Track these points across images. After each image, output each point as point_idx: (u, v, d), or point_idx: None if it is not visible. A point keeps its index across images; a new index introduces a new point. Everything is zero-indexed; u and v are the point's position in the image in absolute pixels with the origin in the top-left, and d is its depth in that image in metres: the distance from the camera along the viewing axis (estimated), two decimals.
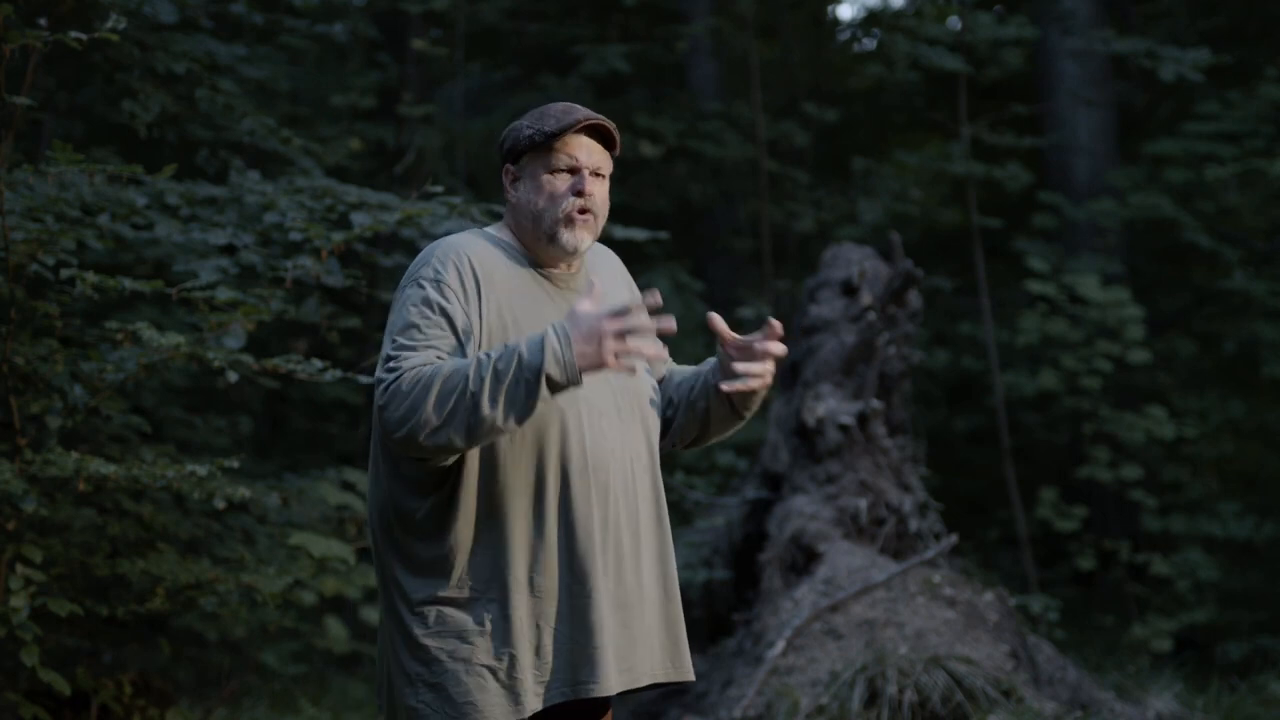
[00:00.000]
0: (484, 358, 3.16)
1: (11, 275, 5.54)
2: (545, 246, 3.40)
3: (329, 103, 12.53)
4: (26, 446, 5.63)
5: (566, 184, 3.39)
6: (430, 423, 3.14)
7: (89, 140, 9.14)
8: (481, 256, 3.36)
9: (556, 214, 3.38)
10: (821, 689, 6.64)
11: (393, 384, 3.18)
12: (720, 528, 8.70)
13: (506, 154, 3.46)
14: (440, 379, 3.15)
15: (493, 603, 3.26)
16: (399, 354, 3.22)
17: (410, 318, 3.27)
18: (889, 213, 13.23)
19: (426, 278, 3.31)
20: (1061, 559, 11.68)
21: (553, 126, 3.38)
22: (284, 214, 6.28)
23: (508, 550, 3.27)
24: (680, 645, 3.47)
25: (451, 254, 3.34)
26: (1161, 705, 7.21)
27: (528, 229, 3.41)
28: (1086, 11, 12.56)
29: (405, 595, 3.31)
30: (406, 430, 3.15)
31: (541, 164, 3.40)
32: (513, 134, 3.45)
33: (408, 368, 3.19)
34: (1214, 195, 11.98)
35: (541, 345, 3.15)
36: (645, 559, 3.40)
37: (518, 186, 3.43)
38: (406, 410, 3.15)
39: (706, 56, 14.72)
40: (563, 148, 3.39)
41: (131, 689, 6.35)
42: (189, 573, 6.06)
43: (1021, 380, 11.62)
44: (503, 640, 3.25)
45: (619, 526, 3.35)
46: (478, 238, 3.42)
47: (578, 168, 3.39)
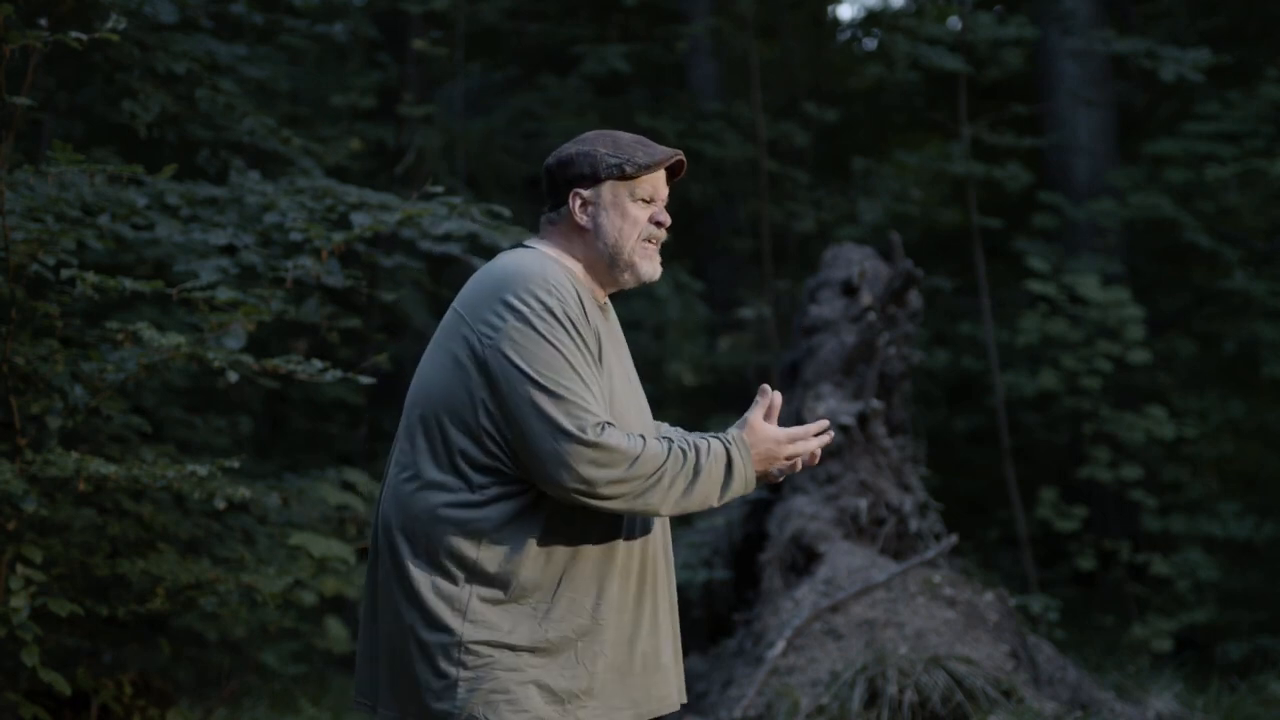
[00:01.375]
0: (681, 456, 3.27)
1: (12, 275, 5.54)
2: (620, 273, 3.45)
3: (329, 103, 12.53)
4: (27, 446, 5.64)
5: (647, 214, 3.45)
6: (618, 492, 3.21)
7: (89, 140, 9.14)
8: (581, 291, 3.38)
9: (637, 244, 3.44)
10: (822, 689, 6.64)
11: (591, 438, 3.20)
12: (720, 528, 8.70)
13: (578, 178, 3.44)
14: (644, 460, 3.23)
15: (552, 625, 3.27)
16: (579, 400, 3.23)
17: (565, 354, 3.26)
18: (889, 213, 13.23)
19: (556, 309, 3.29)
20: (1061, 559, 11.68)
21: (644, 160, 3.42)
22: (284, 214, 6.28)
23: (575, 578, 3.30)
24: (681, 669, 3.53)
25: (566, 281, 3.34)
26: (1161, 705, 7.21)
27: (603, 254, 3.44)
28: (1086, 11, 12.56)
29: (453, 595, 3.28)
30: (590, 484, 3.20)
31: (626, 192, 3.43)
32: (587, 160, 3.44)
33: (607, 425, 3.23)
34: (1214, 195, 11.98)
35: (730, 465, 3.31)
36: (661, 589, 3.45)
37: (591, 212, 3.44)
38: (603, 479, 3.20)
39: (706, 56, 14.73)
40: (647, 180, 3.45)
41: (132, 689, 6.35)
42: (189, 573, 6.06)
43: (1021, 380, 11.62)
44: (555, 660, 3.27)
45: (657, 558, 3.42)
46: (557, 264, 3.40)
47: (656, 198, 3.46)
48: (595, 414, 3.22)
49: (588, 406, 3.22)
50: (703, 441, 3.32)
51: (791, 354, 8.58)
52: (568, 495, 3.21)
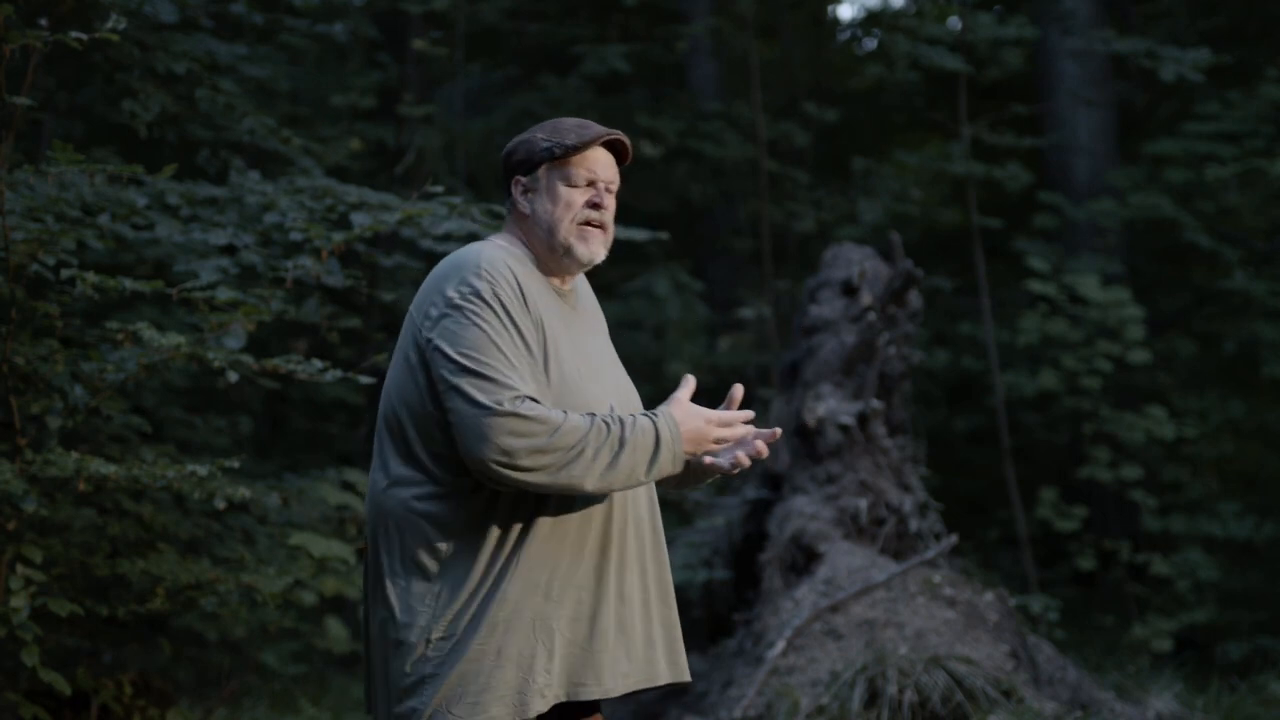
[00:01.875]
0: (604, 428, 3.24)
1: (12, 275, 5.54)
2: (559, 259, 3.45)
3: (329, 103, 12.53)
4: (27, 446, 5.63)
5: (583, 197, 3.44)
6: (537, 464, 3.20)
7: (89, 140, 9.14)
8: (520, 272, 3.38)
9: (572, 226, 3.42)
10: (822, 689, 6.64)
11: (506, 408, 3.20)
12: (720, 528, 8.70)
13: (517, 165, 3.47)
14: (564, 431, 3.21)
15: (509, 604, 3.27)
16: (497, 375, 3.23)
17: (489, 334, 3.27)
18: (889, 213, 13.23)
19: (487, 292, 3.31)
20: (1061, 559, 11.68)
21: (573, 140, 3.42)
22: (284, 214, 6.28)
23: (529, 556, 3.30)
24: (678, 647, 3.52)
25: (499, 265, 3.35)
26: (1161, 705, 7.21)
27: (541, 240, 3.45)
28: (1086, 11, 12.56)
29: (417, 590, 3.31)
30: (507, 457, 3.19)
31: (559, 176, 3.43)
32: (525, 146, 3.47)
33: (523, 396, 3.22)
34: (1214, 195, 11.98)
35: (658, 441, 3.28)
36: (648, 562, 3.45)
37: (530, 198, 3.46)
38: (521, 448, 3.19)
39: (706, 56, 14.72)
40: (581, 162, 3.43)
41: (132, 689, 6.35)
42: (189, 573, 6.06)
43: (1022, 380, 11.62)
44: (515, 640, 3.27)
45: (626, 533, 3.40)
46: (503, 250, 3.43)
47: (595, 182, 3.45)
48: (515, 388, 3.22)
49: (507, 381, 3.22)
50: (629, 416, 3.29)
51: (791, 354, 8.59)
52: (490, 469, 3.20)
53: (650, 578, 3.46)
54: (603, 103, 13.79)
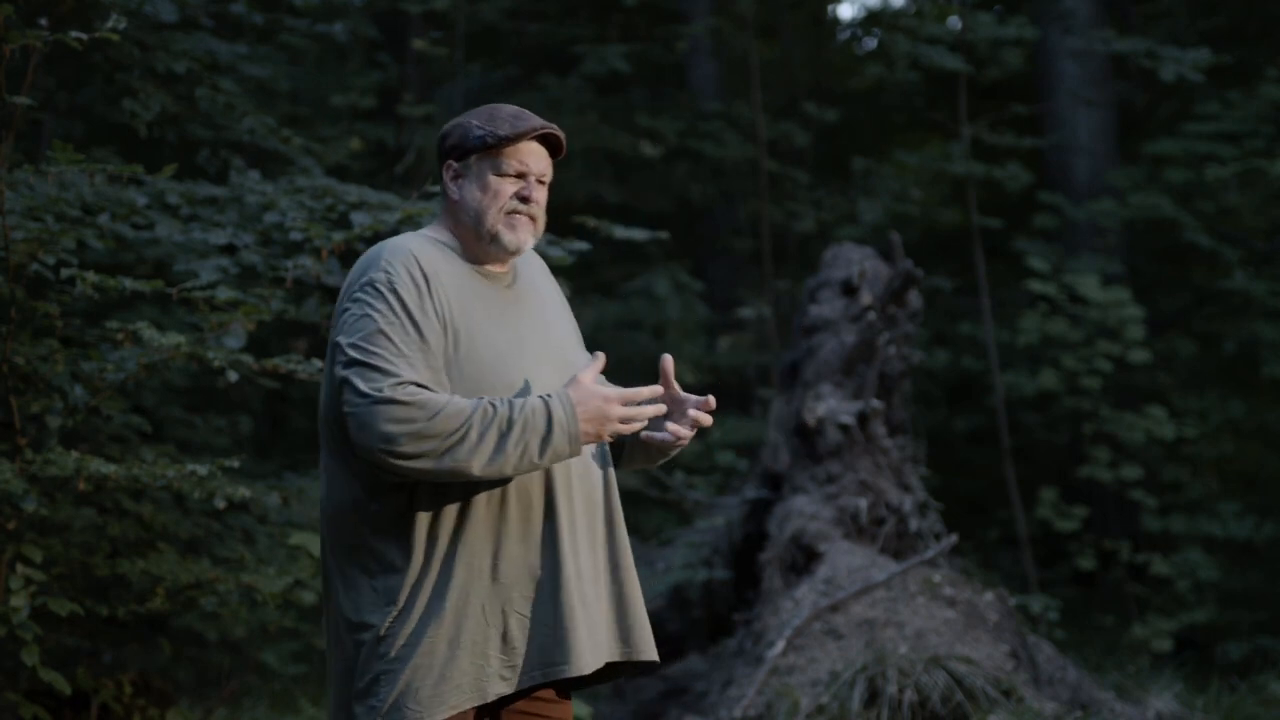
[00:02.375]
0: (490, 410, 3.20)
1: (12, 275, 5.54)
2: (486, 246, 3.41)
3: (329, 103, 12.54)
4: (27, 446, 5.63)
5: (513, 188, 3.40)
6: (420, 449, 3.16)
7: (89, 140, 9.14)
8: (427, 257, 3.35)
9: (499, 214, 3.39)
10: (822, 689, 6.64)
11: (385, 394, 3.17)
12: (720, 528, 8.70)
13: (450, 150, 3.44)
14: (445, 414, 3.17)
15: (454, 593, 3.25)
16: (381, 363, 3.21)
17: (378, 324, 3.25)
18: (889, 213, 13.23)
19: (381, 281, 3.29)
20: (1061, 559, 11.68)
21: (507, 131, 3.38)
22: (284, 214, 6.27)
23: (469, 541, 3.27)
24: (635, 624, 3.46)
25: (400, 255, 3.33)
26: (1161, 705, 7.21)
27: (469, 227, 3.41)
28: (1086, 11, 12.56)
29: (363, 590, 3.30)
30: (390, 443, 3.16)
31: (490, 165, 3.40)
32: (459, 131, 3.43)
33: (404, 382, 3.19)
34: (1214, 195, 11.98)
35: (550, 422, 3.22)
36: (598, 539, 3.41)
37: (460, 185, 3.43)
38: (399, 424, 3.16)
39: (707, 56, 14.72)
40: (513, 153, 3.40)
41: (131, 689, 6.35)
42: (189, 572, 6.06)
43: (1021, 380, 11.62)
44: (463, 629, 3.25)
45: (575, 509, 3.36)
46: (419, 239, 3.41)
47: (526, 174, 3.41)
48: (398, 375, 3.19)
49: (390, 369, 3.20)
50: (519, 400, 3.25)
51: (791, 354, 8.59)
52: (376, 457, 3.17)
53: (605, 556, 3.43)
54: (603, 103, 13.79)
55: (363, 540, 3.30)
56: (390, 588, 3.27)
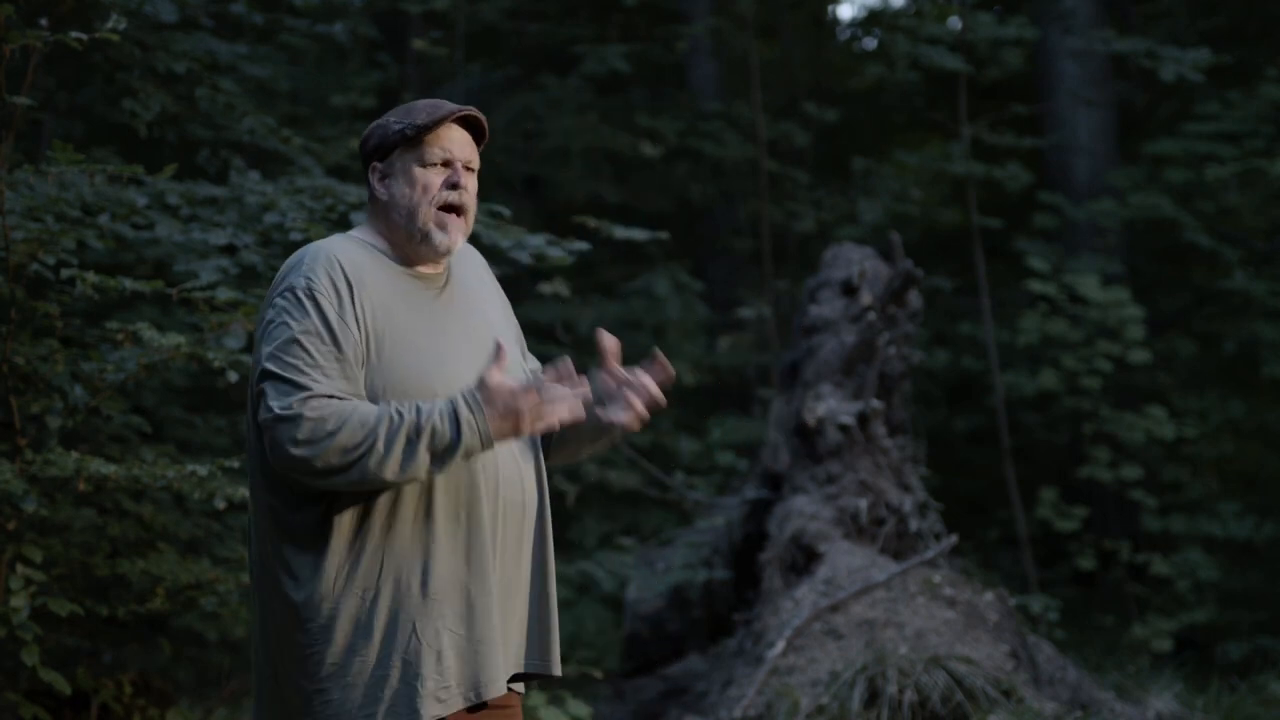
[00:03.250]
0: (396, 417, 3.12)
1: (12, 275, 5.54)
2: (416, 245, 3.33)
3: (329, 103, 12.53)
4: (27, 446, 5.63)
5: (440, 178, 3.32)
6: (330, 464, 3.10)
7: (89, 140, 9.14)
8: (352, 261, 3.27)
9: (429, 213, 3.31)
10: (822, 689, 6.64)
11: (294, 411, 3.10)
12: (720, 528, 8.70)
13: (373, 151, 3.35)
14: (350, 426, 3.10)
15: (383, 610, 3.18)
16: (295, 375, 3.14)
17: (294, 333, 3.17)
18: (889, 213, 13.23)
19: (301, 288, 3.21)
20: (1061, 559, 11.68)
21: (424, 119, 3.30)
22: (284, 214, 6.28)
23: (395, 555, 3.19)
24: (550, 638, 3.39)
25: (322, 260, 3.25)
26: (1161, 705, 7.21)
27: (399, 227, 3.33)
28: (1086, 11, 12.56)
29: (289, 607, 3.21)
30: (300, 459, 3.10)
31: (414, 158, 3.31)
32: (379, 130, 3.35)
33: (314, 396, 3.12)
34: (1214, 195, 11.98)
35: (458, 422, 3.13)
36: (526, 549, 3.34)
37: (387, 184, 3.34)
38: (308, 442, 3.09)
39: (707, 56, 14.72)
40: (435, 141, 3.31)
41: (132, 689, 6.35)
42: (189, 573, 6.05)
43: (1021, 380, 11.62)
44: (394, 648, 3.17)
45: (505, 520, 3.29)
46: (345, 241, 3.34)
47: (451, 160, 3.33)
48: (309, 388, 3.12)
49: (302, 380, 3.13)
50: (427, 403, 3.15)
51: (791, 354, 8.59)
52: (291, 473, 3.12)
53: (534, 564, 3.36)
54: (603, 103, 13.79)
55: (282, 553, 3.22)
56: (314, 604, 3.18)
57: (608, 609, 10.37)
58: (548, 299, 10.81)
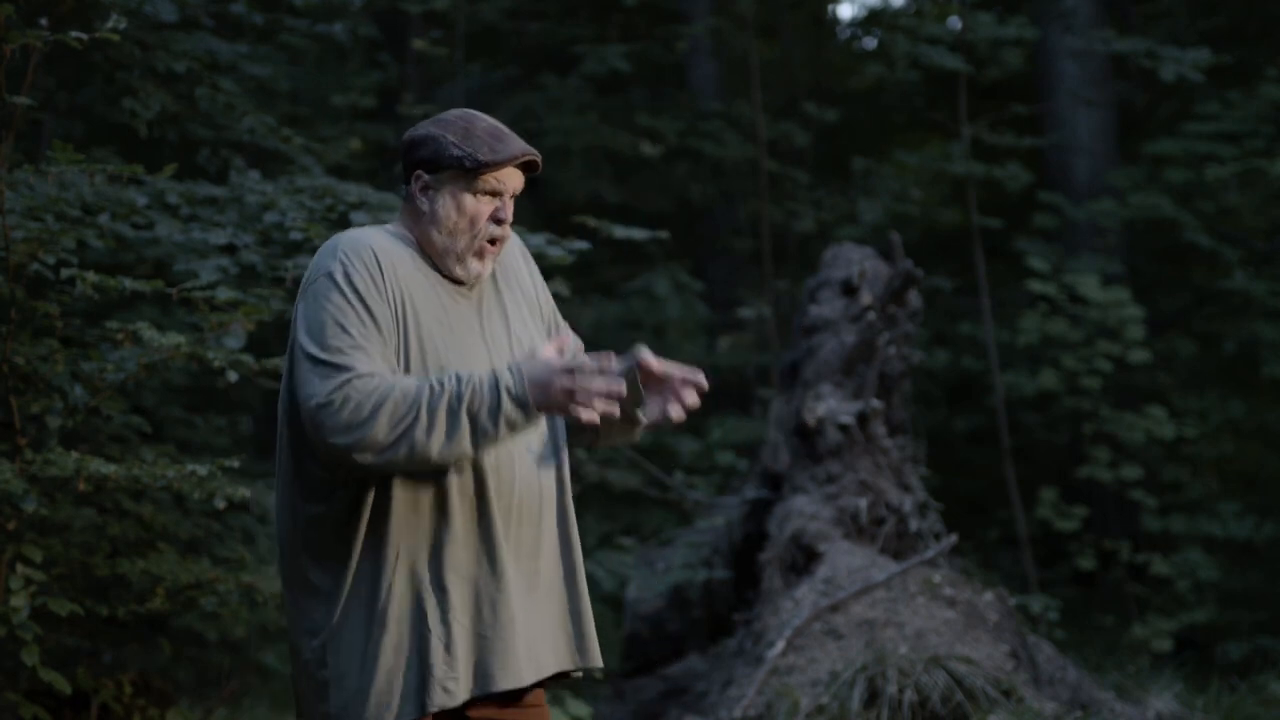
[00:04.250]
0: (437, 387, 3.14)
1: (12, 275, 5.54)
2: (449, 265, 3.34)
3: (329, 102, 12.54)
4: (27, 446, 5.63)
5: (489, 208, 3.33)
6: (378, 441, 3.11)
7: (89, 140, 9.14)
8: (385, 249, 3.29)
9: (472, 243, 3.32)
10: (821, 689, 6.64)
11: (339, 391, 3.12)
12: (720, 528, 8.70)
13: (421, 162, 3.33)
14: (393, 399, 3.11)
15: (396, 601, 3.22)
16: (338, 357, 3.15)
17: (335, 316, 3.19)
18: (889, 213, 13.23)
19: (339, 273, 3.23)
20: (1061, 559, 11.68)
21: (487, 157, 3.29)
22: (284, 213, 6.28)
23: (410, 547, 3.23)
24: (585, 632, 3.42)
25: (357, 247, 3.27)
26: (1162, 705, 7.21)
27: (435, 242, 3.33)
28: (1086, 11, 12.56)
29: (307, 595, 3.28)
30: (349, 443, 3.11)
31: (465, 184, 3.31)
32: (433, 145, 3.32)
33: (357, 376, 3.13)
34: (1214, 195, 11.98)
35: (498, 388, 3.15)
36: (546, 547, 3.37)
37: (430, 197, 3.33)
38: (356, 424, 3.11)
39: (707, 56, 14.72)
40: (493, 175, 3.32)
41: (132, 689, 6.35)
42: (189, 572, 6.06)
43: (1022, 380, 11.62)
44: (409, 637, 3.22)
45: (521, 516, 3.31)
46: (379, 232, 3.35)
47: (502, 193, 3.34)
48: (352, 368, 3.14)
49: (344, 362, 3.14)
50: (465, 373, 3.17)
51: (791, 354, 8.59)
52: (334, 454, 3.13)
53: (559, 562, 3.39)
54: (603, 102, 13.79)
55: (304, 544, 3.28)
56: (331, 593, 3.24)
57: (608, 609, 10.37)
58: None
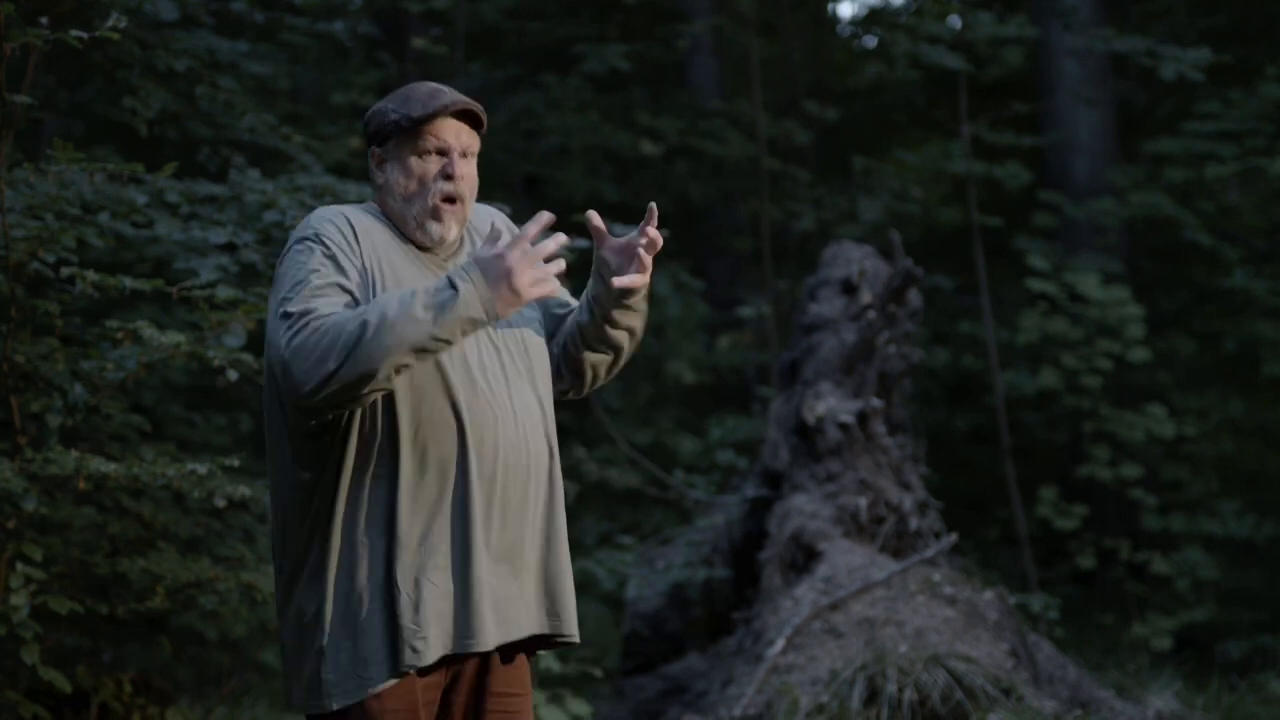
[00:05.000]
0: (386, 295, 3.16)
1: (12, 273, 5.54)
2: (413, 232, 3.37)
3: (330, 101, 12.54)
4: (27, 445, 5.64)
5: (436, 167, 3.34)
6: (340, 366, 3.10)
7: (89, 138, 9.14)
8: (359, 219, 3.34)
9: (426, 203, 3.34)
10: (821, 687, 6.64)
11: (300, 333, 3.14)
12: (720, 526, 8.70)
13: (372, 137, 3.39)
14: (344, 318, 3.13)
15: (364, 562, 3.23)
16: (299, 305, 3.18)
17: (300, 272, 3.23)
18: (889, 211, 13.23)
19: (309, 235, 3.29)
20: (1061, 558, 11.68)
21: (419, 112, 3.32)
22: (284, 212, 6.28)
23: (380, 508, 3.24)
24: (562, 601, 3.40)
25: (329, 215, 3.33)
26: (1161, 704, 7.21)
27: (396, 213, 3.37)
28: (1086, 10, 12.56)
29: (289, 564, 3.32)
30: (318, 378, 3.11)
31: (409, 148, 3.34)
32: (377, 117, 3.38)
33: (316, 316, 3.15)
34: (1214, 194, 11.99)
35: (452, 282, 3.13)
36: (531, 512, 3.35)
37: (385, 169, 3.38)
38: (316, 359, 3.11)
39: (707, 55, 14.72)
40: (430, 131, 3.33)
41: (132, 688, 6.35)
42: (189, 571, 6.05)
43: (1022, 379, 11.62)
44: (377, 598, 3.22)
45: (506, 481, 3.30)
46: (354, 207, 3.40)
47: (447, 149, 3.35)
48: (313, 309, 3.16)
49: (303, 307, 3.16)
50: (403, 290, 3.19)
51: (791, 352, 8.59)
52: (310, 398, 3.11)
53: (541, 528, 3.37)
54: (603, 101, 13.79)
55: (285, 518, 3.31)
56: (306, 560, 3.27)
57: (607, 608, 10.38)
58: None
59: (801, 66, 14.87)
